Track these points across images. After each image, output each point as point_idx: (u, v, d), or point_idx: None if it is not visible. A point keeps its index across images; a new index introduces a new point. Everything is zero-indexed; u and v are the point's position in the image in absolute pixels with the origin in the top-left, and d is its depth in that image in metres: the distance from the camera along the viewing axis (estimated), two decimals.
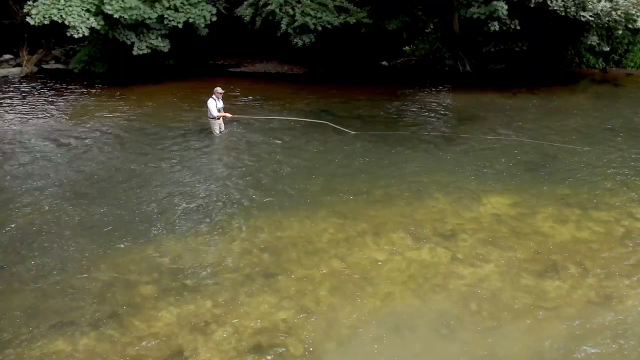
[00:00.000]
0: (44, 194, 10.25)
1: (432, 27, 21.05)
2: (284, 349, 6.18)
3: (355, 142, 12.93)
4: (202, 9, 19.11)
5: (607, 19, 17.03)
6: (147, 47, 18.77)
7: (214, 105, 13.24)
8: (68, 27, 17.11)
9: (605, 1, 16.35)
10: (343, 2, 19.94)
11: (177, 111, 15.82)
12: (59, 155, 12.44)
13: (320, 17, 19.26)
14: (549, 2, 16.57)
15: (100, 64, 20.87)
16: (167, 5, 18.47)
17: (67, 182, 10.86)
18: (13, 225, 9.05)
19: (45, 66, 22.25)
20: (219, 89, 13.34)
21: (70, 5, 17.15)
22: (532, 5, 16.79)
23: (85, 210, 9.54)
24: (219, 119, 13.39)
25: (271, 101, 17.10)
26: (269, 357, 6.07)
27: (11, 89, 19.00)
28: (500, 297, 7.10)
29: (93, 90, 18.68)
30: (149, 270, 7.73)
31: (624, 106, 16.21)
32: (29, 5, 17.24)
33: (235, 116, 13.63)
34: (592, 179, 10.67)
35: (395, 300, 7.03)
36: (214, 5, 19.66)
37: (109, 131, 14.09)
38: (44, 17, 16.96)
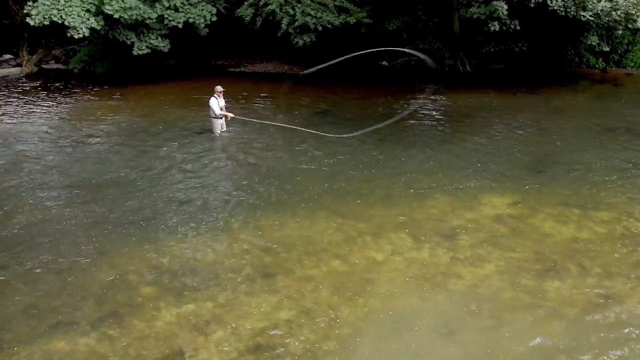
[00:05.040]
0: (43, 194, 10.25)
1: (432, 27, 21.04)
2: (284, 349, 6.17)
3: (355, 142, 12.92)
4: (202, 9, 19.13)
5: (607, 19, 17.05)
6: (147, 47, 18.78)
7: (216, 104, 13.25)
8: (68, 27, 17.12)
9: (605, 1, 16.36)
10: (343, 2, 19.99)
11: (177, 111, 15.82)
12: (58, 155, 12.44)
13: (321, 17, 19.30)
14: (549, 2, 16.58)
15: (100, 64, 20.88)
16: (167, 5, 18.48)
17: (67, 183, 10.85)
18: (13, 225, 9.05)
19: (45, 66, 22.26)
20: (219, 88, 13.35)
21: (70, 6, 17.16)
22: (532, 5, 16.80)
23: (85, 211, 9.54)
24: (221, 118, 13.39)
25: (271, 101, 17.12)
26: (269, 357, 6.07)
27: (11, 89, 19.00)
28: (500, 297, 7.10)
29: (93, 90, 18.69)
30: (149, 270, 7.73)
31: (624, 106, 16.23)
32: (29, 5, 17.24)
33: (236, 116, 13.63)
34: (592, 179, 10.67)
35: (395, 300, 7.03)
36: (214, 5, 19.67)
37: (108, 131, 14.09)
38: (44, 18, 16.96)
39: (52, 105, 16.87)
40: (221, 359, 6.06)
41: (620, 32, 18.21)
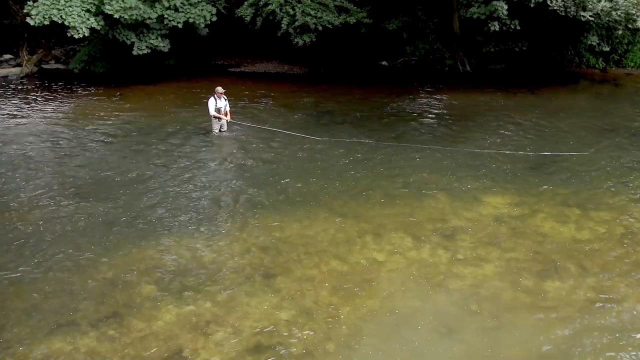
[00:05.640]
0: (43, 194, 10.24)
1: (432, 27, 21.05)
2: (284, 349, 6.17)
3: (355, 143, 12.93)
4: (202, 9, 19.14)
5: (607, 19, 17.07)
6: (147, 47, 18.79)
7: (213, 104, 13.26)
8: (68, 27, 17.13)
9: (605, 1, 16.36)
10: (343, 2, 20.00)
11: (176, 111, 15.83)
12: (58, 155, 12.43)
13: (321, 17, 19.32)
14: (549, 2, 16.59)
15: (100, 64, 20.89)
16: (167, 5, 18.48)
17: (67, 183, 10.85)
18: (13, 226, 9.05)
19: (45, 66, 22.25)
20: (219, 89, 13.35)
21: (70, 6, 17.16)
22: (532, 5, 16.80)
23: (85, 211, 9.54)
24: (216, 118, 13.40)
25: (271, 101, 17.12)
26: (269, 357, 6.07)
27: (11, 89, 19.01)
28: (500, 297, 7.10)
29: (93, 90, 18.69)
30: (149, 270, 7.73)
31: (624, 106, 16.23)
32: (29, 5, 17.24)
33: (230, 119, 13.65)
34: (592, 179, 10.67)
35: (395, 300, 7.03)
36: (214, 5, 19.68)
37: (108, 131, 14.09)
38: (44, 18, 16.97)
39: (52, 105, 16.87)
40: (221, 359, 6.06)
41: (620, 32, 18.19)
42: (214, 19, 19.36)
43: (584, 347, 6.17)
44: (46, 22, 17.07)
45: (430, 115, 15.60)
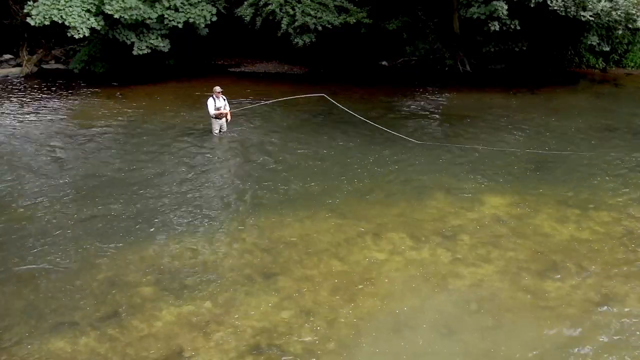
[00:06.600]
0: (43, 194, 10.25)
1: (432, 27, 21.05)
2: (284, 349, 6.17)
3: (355, 142, 12.93)
4: (202, 9, 19.14)
5: (607, 19, 17.07)
6: (147, 47, 18.79)
7: (212, 104, 13.25)
8: (68, 27, 17.13)
9: (605, 1, 16.35)
10: (343, 2, 20.00)
11: (176, 111, 15.82)
12: (58, 155, 12.43)
13: (321, 17, 19.32)
14: (549, 2, 16.58)
15: (100, 64, 20.89)
16: (167, 5, 18.49)
17: (67, 182, 10.86)
18: (12, 225, 9.05)
19: (45, 66, 22.25)
20: (217, 88, 13.36)
21: (70, 6, 17.16)
22: (532, 5, 16.80)
23: (85, 210, 9.54)
24: (217, 117, 13.40)
25: (271, 101, 17.08)
26: (269, 357, 6.07)
27: (11, 89, 19.00)
28: (500, 297, 7.10)
29: (93, 90, 18.69)
30: (149, 270, 7.73)
31: (624, 106, 16.22)
32: (29, 5, 17.24)
33: (231, 112, 13.62)
34: (592, 179, 10.67)
35: (395, 300, 7.03)
36: (214, 5, 19.68)
37: (108, 131, 14.09)
38: (44, 18, 16.97)
39: (52, 105, 16.87)
40: (221, 359, 6.06)
41: (620, 32, 18.19)
42: (214, 19, 19.36)
43: (585, 347, 6.17)
44: (46, 22, 17.07)
45: (430, 116, 15.59)
